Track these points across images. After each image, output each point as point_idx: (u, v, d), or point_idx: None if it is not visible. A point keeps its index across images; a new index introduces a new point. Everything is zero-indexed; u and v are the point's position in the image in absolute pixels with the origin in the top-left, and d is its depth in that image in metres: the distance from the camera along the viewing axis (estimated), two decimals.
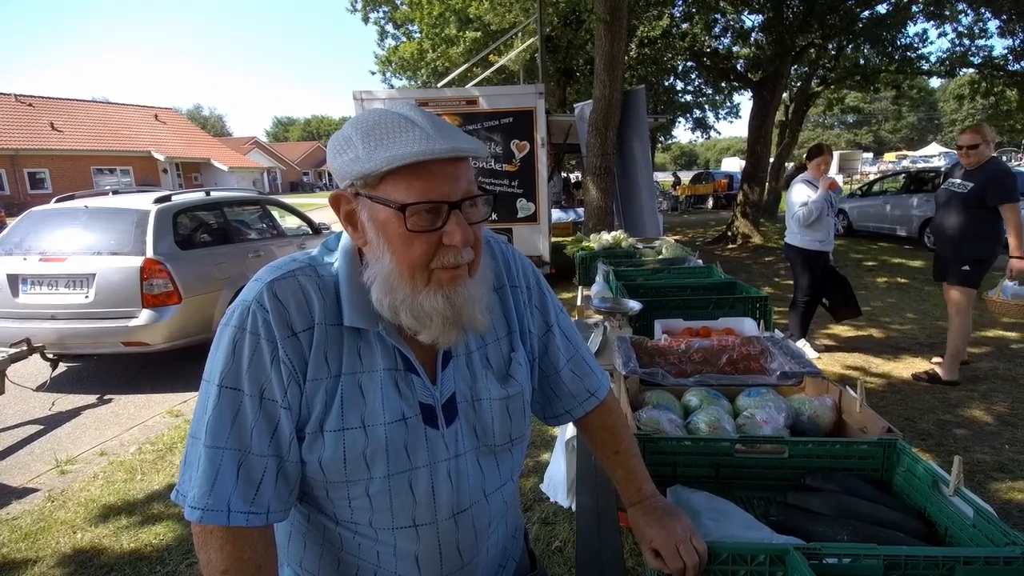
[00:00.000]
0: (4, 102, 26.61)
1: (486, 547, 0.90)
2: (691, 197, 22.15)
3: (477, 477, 0.86)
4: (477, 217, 0.77)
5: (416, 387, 0.81)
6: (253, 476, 0.74)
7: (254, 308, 0.75)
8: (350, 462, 0.77)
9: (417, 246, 0.73)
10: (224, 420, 0.74)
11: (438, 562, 0.84)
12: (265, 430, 0.75)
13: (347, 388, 0.78)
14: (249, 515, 0.74)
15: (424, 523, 0.82)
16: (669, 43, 12.68)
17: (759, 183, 11.59)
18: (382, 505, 0.80)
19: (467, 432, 0.85)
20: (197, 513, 0.73)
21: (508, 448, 0.91)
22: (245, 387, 0.74)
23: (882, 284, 7.19)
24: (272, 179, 44.98)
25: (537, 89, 6.68)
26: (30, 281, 4.44)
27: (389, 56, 16.06)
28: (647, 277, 3.23)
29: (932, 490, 1.08)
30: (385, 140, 0.71)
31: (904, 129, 55.42)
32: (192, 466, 0.75)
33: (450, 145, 0.70)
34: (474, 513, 0.85)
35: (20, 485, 3.16)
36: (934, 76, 13.31)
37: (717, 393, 1.58)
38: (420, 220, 0.72)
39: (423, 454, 0.80)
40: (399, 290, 0.75)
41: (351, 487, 0.79)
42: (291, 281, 0.77)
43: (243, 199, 6.18)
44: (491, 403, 0.86)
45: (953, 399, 3.69)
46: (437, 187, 0.72)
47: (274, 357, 0.74)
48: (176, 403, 4.28)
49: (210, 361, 0.77)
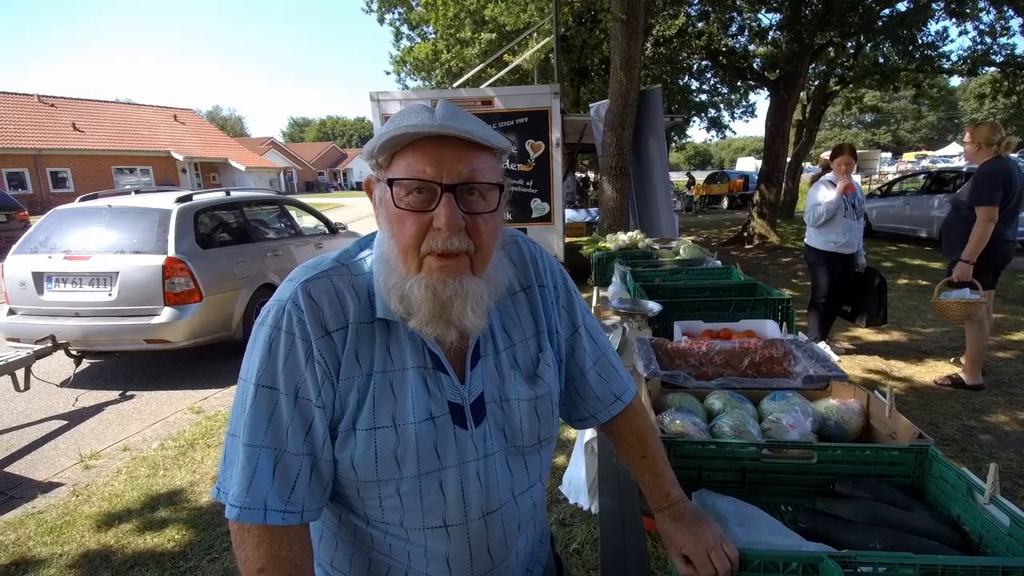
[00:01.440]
0: (27, 103, 27.14)
1: (515, 550, 0.90)
2: (705, 197, 21.97)
3: (506, 478, 0.86)
4: (479, 207, 0.75)
5: (445, 386, 0.81)
6: (289, 474, 0.75)
7: (289, 308, 0.76)
8: (381, 461, 0.77)
9: (408, 226, 0.74)
10: (261, 419, 0.75)
11: (468, 564, 0.84)
12: (300, 429, 0.75)
13: (379, 387, 0.78)
14: (285, 514, 0.74)
15: (454, 524, 0.82)
16: (685, 42, 12.57)
17: (776, 183, 11.47)
18: (412, 505, 0.80)
19: (496, 432, 0.85)
20: (235, 511, 0.73)
21: (537, 449, 0.90)
22: (281, 386, 0.75)
23: (902, 286, 7.08)
24: (288, 179, 45.41)
25: (552, 89, 6.66)
26: (55, 279, 4.53)
27: (404, 57, 16.11)
28: (665, 278, 3.20)
29: (966, 497, 1.06)
30: (396, 121, 0.73)
31: (924, 128, 54.50)
32: (231, 464, 0.76)
33: (441, 123, 0.71)
34: (503, 515, 0.85)
35: (45, 479, 3.23)
36: (955, 75, 13.04)
37: (741, 396, 1.56)
38: (411, 199, 0.73)
39: (452, 454, 0.80)
40: (395, 272, 0.76)
41: (382, 486, 0.79)
42: (324, 281, 0.78)
43: (262, 199, 6.26)
44: (519, 404, 0.86)
45: (978, 404, 3.62)
46: (430, 167, 0.72)
47: (308, 356, 0.75)
48: (197, 400, 4.34)
49: (246, 360, 0.78)
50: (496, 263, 0.81)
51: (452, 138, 0.73)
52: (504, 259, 0.86)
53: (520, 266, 0.92)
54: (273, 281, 5.40)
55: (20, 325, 4.53)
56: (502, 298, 0.86)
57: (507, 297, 0.88)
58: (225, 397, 4.36)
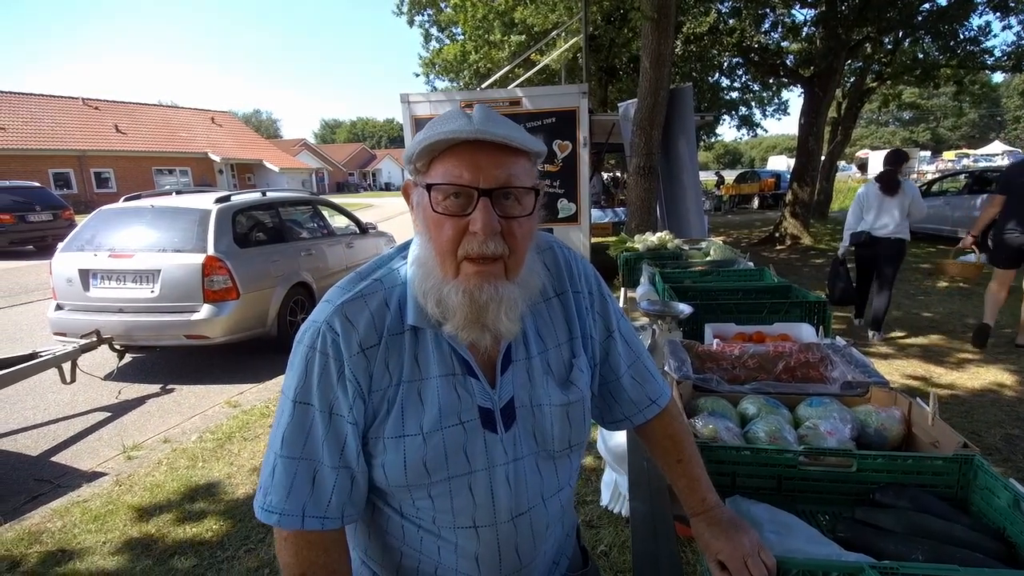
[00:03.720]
0: (72, 105, 28.23)
1: (544, 549, 0.91)
2: (735, 197, 21.55)
3: (536, 481, 0.87)
4: (514, 211, 0.76)
5: (475, 390, 0.82)
6: (326, 485, 0.78)
7: (324, 329, 0.79)
8: (410, 468, 0.80)
9: (445, 229, 0.75)
10: (298, 433, 0.78)
11: (497, 563, 0.86)
12: (334, 443, 0.79)
13: (406, 396, 0.80)
14: (324, 519, 0.78)
15: (484, 525, 0.83)
16: (716, 39, 12.35)
17: (810, 182, 11.18)
18: (443, 506, 0.82)
19: (526, 437, 0.86)
20: (275, 517, 0.77)
21: (567, 454, 0.91)
22: (315, 403, 0.78)
23: (943, 290, 6.84)
24: (319, 179, 46.19)
25: (580, 89, 6.64)
26: (100, 276, 4.71)
27: (433, 58, 16.25)
28: (695, 279, 3.17)
29: (1013, 509, 1.03)
30: (434, 127, 0.75)
31: (964, 126, 52.52)
32: (270, 473, 0.80)
33: (478, 128, 0.72)
34: (532, 517, 0.87)
35: (90, 469, 3.36)
36: (998, 71, 12.53)
37: (775, 401, 1.54)
38: (449, 204, 0.75)
39: (482, 458, 0.82)
40: (431, 276, 0.78)
41: (413, 490, 0.82)
42: (359, 302, 0.81)
43: (296, 199, 6.39)
44: (551, 409, 0.87)
45: (1022, 413, 3.49)
46: (467, 172, 0.73)
47: (340, 375, 0.78)
48: (233, 394, 4.46)
49: (287, 376, 0.82)
50: (530, 266, 0.82)
51: (489, 143, 0.74)
52: (538, 262, 0.87)
53: (555, 272, 0.93)
54: (306, 280, 5.51)
55: (67, 320, 4.71)
56: (536, 303, 0.87)
57: (541, 302, 0.89)
58: (260, 392, 4.48)
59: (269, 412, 4.01)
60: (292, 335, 3.63)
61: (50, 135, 25.17)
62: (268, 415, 3.95)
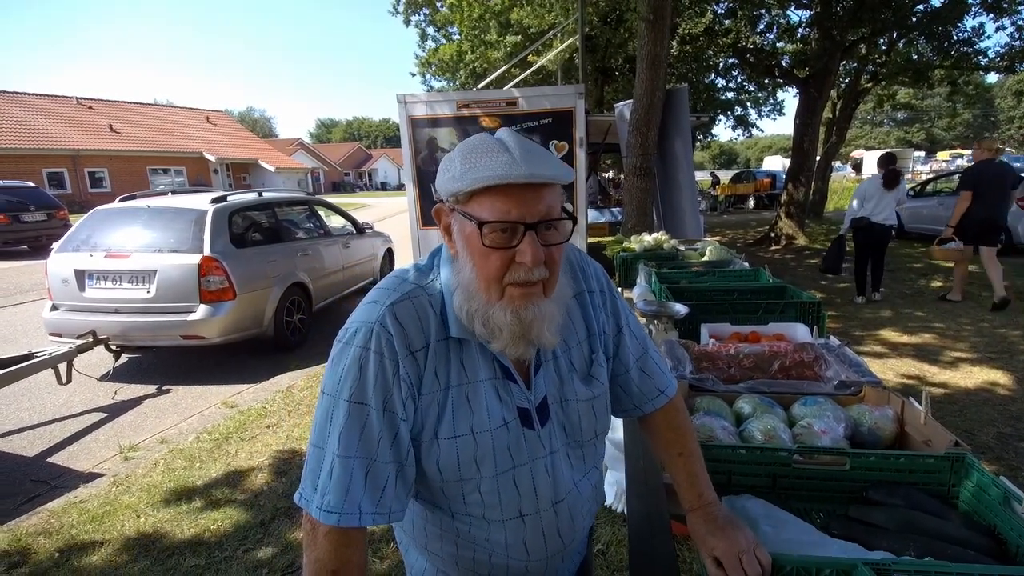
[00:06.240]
0: (66, 104, 28.06)
1: (582, 526, 1.01)
2: (731, 197, 21.62)
3: (568, 469, 0.96)
4: (555, 239, 0.82)
5: (514, 393, 0.90)
6: (379, 481, 0.82)
7: (377, 329, 0.82)
8: (463, 464, 0.87)
9: (492, 260, 0.79)
10: (354, 432, 0.81)
11: (543, 547, 0.95)
12: (388, 439, 0.82)
13: (456, 399, 0.86)
14: (375, 515, 0.81)
15: (529, 513, 0.91)
16: (711, 40, 12.40)
17: (805, 182, 11.23)
18: (492, 501, 0.90)
19: (558, 430, 0.94)
20: (335, 517, 0.79)
21: (594, 442, 1.01)
22: (371, 401, 0.81)
23: (936, 289, 6.88)
24: (315, 179, 46.05)
25: (577, 90, 6.64)
26: (96, 276, 4.70)
27: (429, 58, 16.24)
28: (691, 280, 3.18)
29: (1003, 507, 1.05)
30: (478, 162, 0.77)
31: (959, 127, 52.76)
32: (315, 472, 0.82)
33: (528, 171, 0.76)
34: (570, 502, 0.95)
35: (86, 470, 3.36)
36: (991, 72, 12.61)
37: (770, 401, 1.55)
38: (497, 237, 0.78)
39: (523, 453, 0.90)
40: (476, 299, 0.82)
41: (464, 484, 0.89)
42: (407, 304, 0.85)
43: (292, 199, 6.38)
44: (578, 404, 0.95)
45: (1014, 411, 3.52)
46: (515, 209, 0.77)
47: (395, 374, 0.82)
48: (230, 394, 4.46)
49: (331, 377, 0.84)
50: (562, 281, 0.88)
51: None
52: (567, 276, 0.93)
53: (570, 274, 0.98)
54: (303, 280, 5.51)
55: (63, 321, 4.70)
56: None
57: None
58: (257, 393, 4.48)
59: (266, 412, 4.01)
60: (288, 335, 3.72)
61: (44, 134, 25.02)
62: (264, 415, 3.95)
